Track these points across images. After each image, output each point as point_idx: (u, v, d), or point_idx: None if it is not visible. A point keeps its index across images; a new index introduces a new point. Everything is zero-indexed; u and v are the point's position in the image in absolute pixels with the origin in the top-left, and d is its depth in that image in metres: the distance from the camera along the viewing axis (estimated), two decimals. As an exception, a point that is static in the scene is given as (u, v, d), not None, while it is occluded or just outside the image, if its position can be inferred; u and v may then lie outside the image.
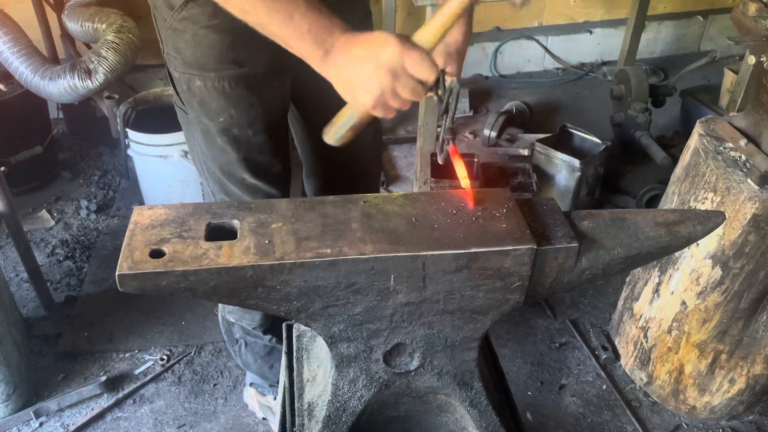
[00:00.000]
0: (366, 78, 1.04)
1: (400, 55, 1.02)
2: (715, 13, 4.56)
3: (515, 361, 2.43)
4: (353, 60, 1.04)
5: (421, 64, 1.03)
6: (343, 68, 1.06)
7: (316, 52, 1.06)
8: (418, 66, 1.03)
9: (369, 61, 1.03)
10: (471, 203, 1.08)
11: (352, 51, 1.05)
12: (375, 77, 1.04)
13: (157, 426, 2.18)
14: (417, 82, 1.06)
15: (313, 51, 1.06)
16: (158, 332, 2.49)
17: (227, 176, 1.57)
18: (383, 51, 1.03)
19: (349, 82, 1.07)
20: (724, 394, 2.14)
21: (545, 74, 4.43)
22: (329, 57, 1.06)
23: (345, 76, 1.07)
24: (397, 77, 1.04)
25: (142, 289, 0.94)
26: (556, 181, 2.95)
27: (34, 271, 2.44)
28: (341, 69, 1.06)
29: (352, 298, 1.02)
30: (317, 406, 1.22)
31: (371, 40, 1.05)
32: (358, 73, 1.05)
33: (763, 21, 1.91)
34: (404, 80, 1.05)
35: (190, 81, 1.46)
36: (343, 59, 1.06)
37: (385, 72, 1.03)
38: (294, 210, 1.05)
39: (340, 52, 1.06)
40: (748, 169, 1.80)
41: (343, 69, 1.06)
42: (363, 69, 1.04)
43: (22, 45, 2.77)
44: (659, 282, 2.14)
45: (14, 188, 2.95)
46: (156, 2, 1.43)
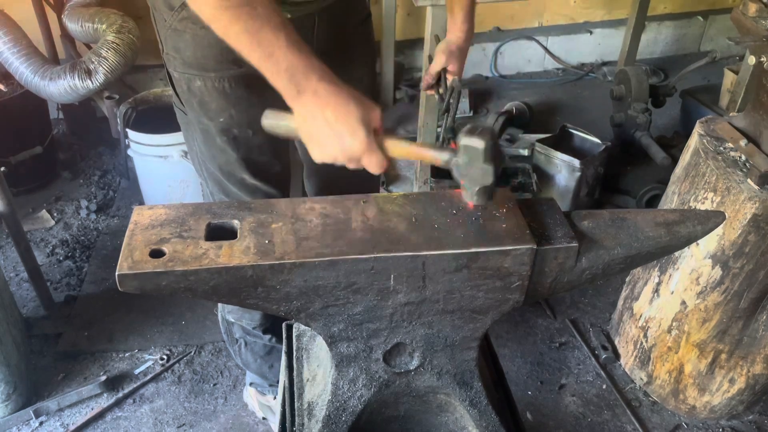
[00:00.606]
0: (324, 143, 1.07)
1: (362, 151, 1.06)
2: (715, 13, 4.56)
3: (515, 361, 2.43)
4: (320, 120, 1.06)
5: (376, 165, 1.07)
6: (309, 117, 1.07)
7: (290, 91, 1.07)
8: (372, 165, 1.08)
9: (333, 134, 1.05)
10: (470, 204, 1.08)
11: (323, 109, 1.05)
12: (333, 149, 1.07)
13: (157, 426, 2.18)
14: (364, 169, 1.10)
15: (287, 88, 1.07)
16: (158, 332, 2.49)
17: (227, 176, 1.57)
18: (350, 139, 1.05)
19: (308, 133, 1.08)
20: (724, 393, 2.14)
21: (545, 74, 4.44)
22: (301, 98, 1.07)
23: (308, 124, 1.08)
24: (350, 160, 1.08)
25: (142, 289, 0.94)
26: (556, 181, 2.95)
27: (34, 271, 2.44)
28: (307, 117, 1.07)
29: (352, 298, 1.02)
30: (317, 406, 1.22)
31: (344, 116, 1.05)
32: (319, 133, 1.07)
33: (763, 21, 1.91)
34: (355, 165, 1.09)
35: (190, 81, 1.46)
36: (311, 110, 1.07)
37: (343, 152, 1.06)
38: (294, 210, 1.05)
39: (312, 99, 1.06)
40: (748, 169, 1.80)
41: (308, 118, 1.07)
42: (325, 134, 1.06)
43: (22, 45, 2.77)
44: (659, 282, 2.14)
45: (14, 188, 2.95)
46: (155, 3, 1.43)
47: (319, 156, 1.09)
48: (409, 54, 4.15)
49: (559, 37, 4.38)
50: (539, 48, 4.38)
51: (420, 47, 3.96)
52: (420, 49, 3.98)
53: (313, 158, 1.11)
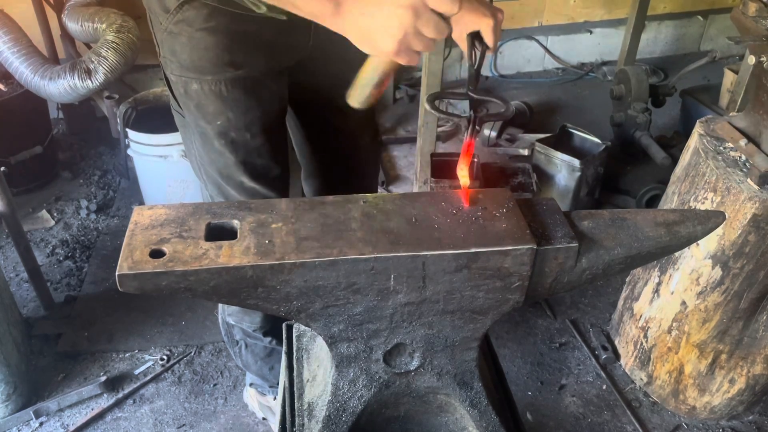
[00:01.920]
0: (385, 21, 0.98)
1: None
2: (715, 13, 4.56)
3: (515, 361, 2.43)
4: (368, 5, 0.98)
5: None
6: (358, 17, 1.00)
7: (327, 7, 1.00)
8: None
9: (386, 3, 0.97)
10: (470, 203, 1.08)
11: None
12: (395, 18, 0.97)
13: (157, 426, 2.18)
14: (440, 18, 1.00)
15: (323, 7, 1.01)
16: (158, 332, 2.49)
17: (226, 180, 1.56)
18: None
19: (367, 30, 1.00)
20: (724, 394, 2.14)
21: (545, 74, 4.44)
22: (341, 9, 1.00)
23: (361, 24, 1.00)
24: (418, 14, 0.97)
25: (142, 289, 0.94)
26: (556, 181, 2.95)
27: (34, 271, 2.44)
28: (356, 18, 1.00)
29: (352, 298, 1.02)
30: (317, 406, 1.22)
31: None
32: (375, 17, 0.98)
33: (763, 21, 1.91)
34: (426, 16, 0.98)
35: (187, 84, 1.45)
36: (356, 7, 0.99)
37: (405, 10, 0.96)
38: (294, 210, 1.05)
39: (351, 4, 0.99)
40: (748, 169, 1.80)
41: (358, 18, 1.00)
42: (381, 12, 0.97)
43: (22, 45, 2.77)
44: (659, 282, 2.14)
45: (14, 188, 2.95)
46: (151, 5, 1.42)
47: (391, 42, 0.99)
48: (409, 54, 4.15)
49: (558, 36, 4.38)
50: (539, 48, 4.38)
51: (420, 47, 3.95)
52: (420, 49, 3.98)
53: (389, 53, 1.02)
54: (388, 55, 1.02)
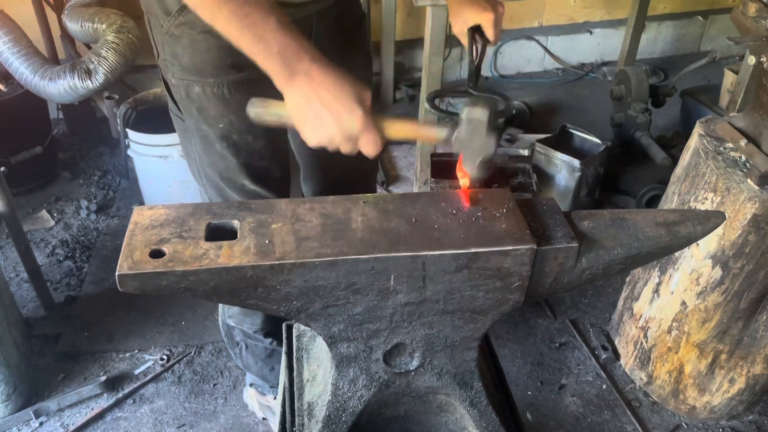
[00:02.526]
0: (320, 124, 1.06)
1: (359, 131, 1.06)
2: (715, 13, 4.56)
3: (515, 361, 2.43)
4: (315, 101, 1.05)
5: (372, 145, 1.08)
6: (303, 100, 1.07)
7: (282, 74, 1.06)
8: (368, 146, 1.08)
9: (329, 114, 1.05)
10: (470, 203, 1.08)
11: (318, 90, 1.05)
12: (329, 130, 1.06)
13: (157, 426, 2.18)
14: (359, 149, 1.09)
15: (280, 72, 1.06)
16: (158, 332, 2.49)
17: (226, 182, 1.56)
18: (347, 118, 1.05)
19: (303, 116, 1.08)
20: (724, 394, 2.14)
21: (545, 74, 4.44)
22: (294, 81, 1.06)
23: (303, 107, 1.07)
24: (347, 141, 1.07)
25: (142, 289, 0.94)
26: (556, 181, 2.95)
27: (34, 271, 2.44)
28: (302, 99, 1.07)
29: (352, 298, 1.02)
30: (317, 406, 1.22)
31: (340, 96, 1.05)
32: (315, 114, 1.06)
33: (763, 21, 1.91)
34: (351, 146, 1.08)
35: (189, 87, 1.44)
36: (306, 92, 1.06)
37: (339, 133, 1.06)
38: (294, 210, 1.05)
39: (305, 80, 1.06)
40: (748, 170, 1.80)
41: (303, 100, 1.07)
42: (321, 115, 1.06)
43: (22, 45, 2.77)
44: (659, 282, 2.14)
45: (14, 188, 2.95)
46: (151, 8, 1.41)
47: (314, 139, 1.09)
48: (409, 54, 4.16)
49: (558, 37, 4.38)
50: (539, 48, 4.38)
51: (420, 47, 3.96)
52: (420, 49, 3.98)
53: (307, 142, 1.10)
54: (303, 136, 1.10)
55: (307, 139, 1.10)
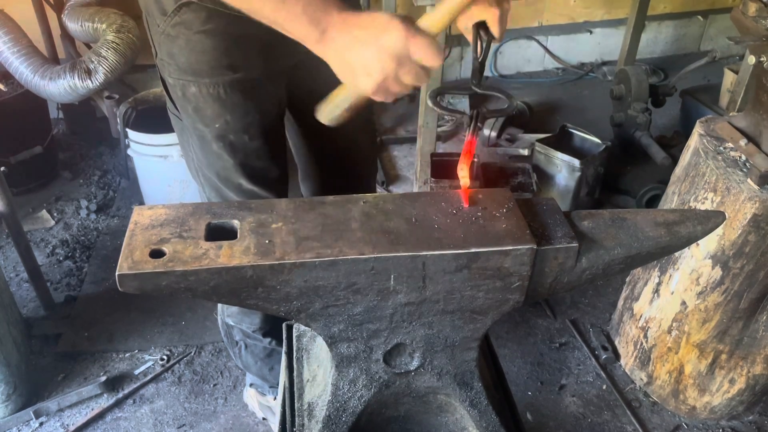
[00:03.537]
0: (368, 62, 1.00)
1: (405, 39, 0.98)
2: (715, 13, 4.56)
3: (515, 361, 2.43)
4: (354, 42, 1.00)
5: (427, 49, 1.00)
6: (342, 50, 1.02)
7: (313, 33, 1.02)
8: (424, 52, 1.00)
9: (371, 45, 0.99)
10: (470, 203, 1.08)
11: (352, 32, 1.00)
12: (378, 62, 0.99)
13: (157, 426, 2.18)
14: (421, 68, 1.02)
15: (309, 32, 1.02)
16: (158, 332, 2.49)
17: (224, 182, 1.56)
18: (387, 35, 0.98)
19: (349, 65, 1.02)
20: (724, 394, 2.14)
21: (545, 74, 4.44)
22: (326, 37, 1.01)
23: (344, 58, 1.02)
24: (401, 63, 1.00)
25: (142, 289, 0.94)
26: (556, 181, 2.95)
27: (34, 271, 2.44)
28: (340, 51, 1.02)
29: (352, 298, 1.02)
30: (317, 406, 1.22)
31: (374, 22, 1.00)
32: (359, 56, 1.00)
33: (763, 21, 1.91)
34: (408, 66, 1.01)
35: (185, 87, 1.44)
36: (342, 40, 1.01)
37: (389, 57, 0.99)
38: (294, 210, 1.05)
39: (338, 32, 1.01)
40: (748, 169, 1.80)
41: (342, 51, 1.02)
42: (365, 53, 1.00)
43: (22, 45, 2.77)
44: (659, 282, 2.14)
45: (14, 188, 2.95)
46: (148, 8, 1.41)
47: (371, 82, 1.02)
48: (408, 54, 4.15)
49: (558, 36, 4.38)
50: (539, 48, 4.38)
51: (420, 47, 3.95)
52: (420, 49, 3.98)
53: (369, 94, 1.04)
54: (365, 91, 1.04)
55: (366, 91, 1.04)
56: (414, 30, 1.00)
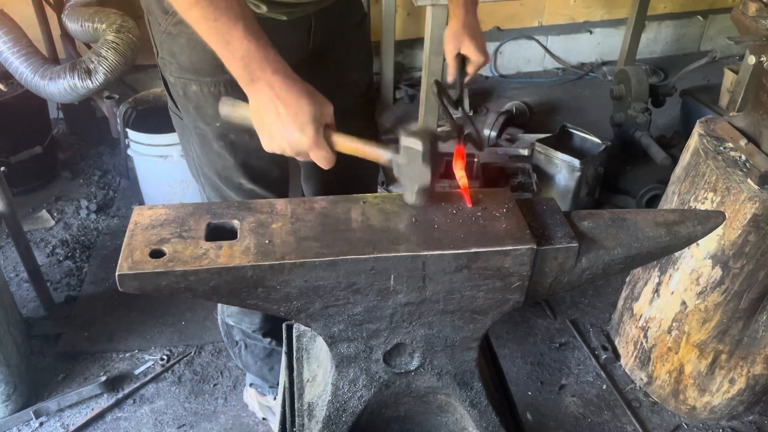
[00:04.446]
0: (273, 134, 1.10)
1: (309, 146, 1.09)
2: (715, 13, 4.56)
3: (515, 361, 2.43)
4: (272, 111, 1.09)
5: (323, 161, 1.11)
6: (260, 106, 1.10)
7: (244, 77, 1.10)
8: (319, 161, 1.11)
9: (282, 128, 1.08)
10: (470, 203, 1.08)
11: (274, 101, 1.08)
12: (281, 142, 1.10)
13: (157, 426, 2.18)
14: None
15: (242, 76, 1.10)
16: (158, 332, 2.49)
17: (224, 181, 1.56)
18: (297, 135, 1.08)
19: (260, 121, 1.12)
20: (724, 394, 2.14)
21: (545, 74, 4.44)
22: (254, 86, 1.10)
23: (259, 113, 1.11)
24: (298, 154, 1.12)
25: (142, 289, 0.94)
26: (556, 181, 2.95)
27: (34, 271, 2.44)
28: (259, 105, 1.10)
29: (352, 298, 1.02)
30: (317, 406, 1.22)
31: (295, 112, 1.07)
32: (269, 124, 1.10)
33: (763, 21, 1.91)
34: (303, 158, 1.13)
35: (186, 86, 1.44)
36: (263, 99, 1.09)
37: (290, 147, 1.10)
38: (294, 210, 1.05)
39: (265, 89, 1.09)
40: (748, 169, 1.80)
41: (260, 107, 1.10)
42: (275, 127, 1.09)
43: (22, 45, 2.77)
44: (659, 282, 2.14)
45: (14, 188, 2.95)
46: (150, 7, 1.41)
47: (268, 146, 1.13)
48: (409, 54, 4.15)
49: (558, 36, 4.38)
50: (539, 48, 4.38)
51: (420, 47, 3.96)
52: (420, 49, 3.98)
53: (263, 146, 1.14)
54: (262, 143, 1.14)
55: (263, 144, 1.14)
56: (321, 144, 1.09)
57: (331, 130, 1.12)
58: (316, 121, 1.08)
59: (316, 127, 1.08)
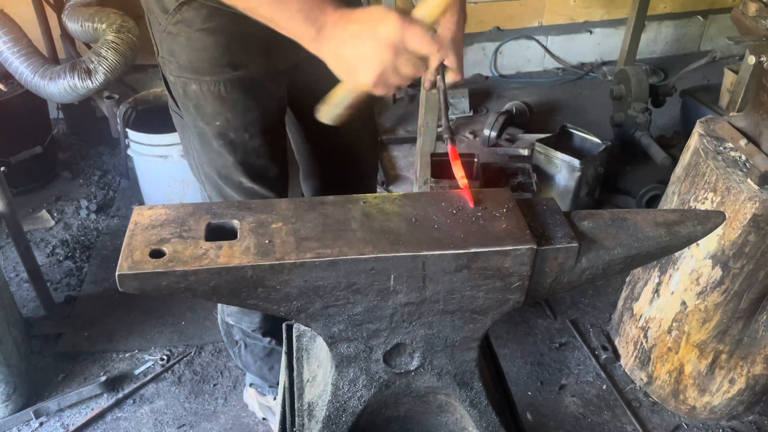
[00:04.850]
0: (365, 55, 1.01)
1: (401, 30, 0.99)
2: (715, 13, 4.56)
3: (515, 361, 2.43)
4: (350, 37, 1.01)
5: (423, 38, 1.00)
6: (339, 46, 1.02)
7: (309, 32, 1.03)
8: (420, 41, 1.00)
9: (367, 38, 1.00)
10: (471, 203, 1.08)
11: (347, 27, 1.01)
12: (375, 54, 1.00)
13: (157, 426, 2.18)
14: (419, 58, 1.03)
15: (305, 30, 1.03)
16: (158, 332, 2.49)
17: (224, 180, 1.56)
18: (382, 26, 0.99)
19: (346, 61, 1.03)
20: (724, 394, 2.14)
21: (545, 74, 4.44)
22: (322, 35, 1.02)
23: (342, 54, 1.02)
24: (398, 53, 1.00)
25: (142, 289, 0.94)
26: (556, 181, 2.95)
27: (34, 271, 2.44)
28: (337, 47, 1.02)
29: (352, 298, 1.02)
30: (317, 406, 1.22)
31: (368, 16, 1.01)
32: (356, 50, 1.01)
33: (763, 21, 1.91)
34: (406, 56, 1.01)
35: (186, 85, 1.45)
36: (338, 37, 1.02)
37: (386, 48, 0.99)
38: (294, 210, 1.05)
39: (334, 29, 1.02)
40: (748, 169, 1.80)
41: (339, 47, 1.02)
42: (361, 46, 1.00)
43: (22, 45, 2.77)
44: (659, 282, 2.14)
45: (14, 188, 2.95)
46: (150, 6, 1.42)
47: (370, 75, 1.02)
48: (409, 54, 4.15)
49: (558, 36, 4.38)
50: (539, 48, 4.38)
51: (420, 47, 3.95)
52: (420, 49, 3.98)
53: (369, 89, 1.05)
54: (364, 86, 1.04)
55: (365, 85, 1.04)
56: (409, 20, 1.00)
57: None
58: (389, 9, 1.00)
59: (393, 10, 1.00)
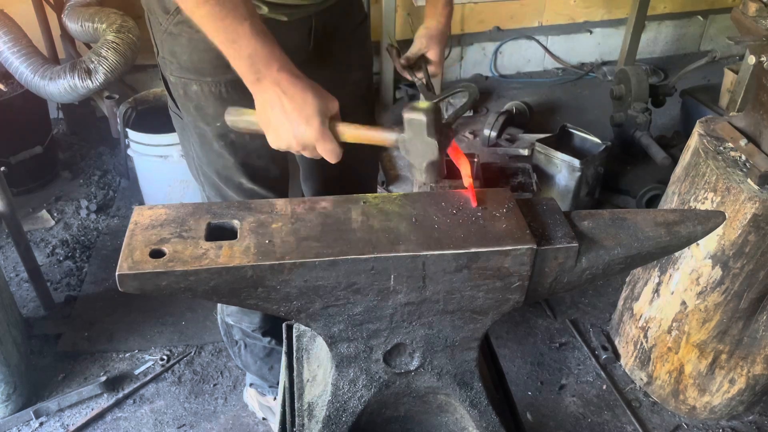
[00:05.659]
0: (281, 131, 1.12)
1: (315, 139, 1.11)
2: (715, 13, 4.57)
3: (515, 361, 2.43)
4: (278, 107, 1.11)
5: (329, 153, 1.13)
6: (267, 104, 1.12)
7: (250, 77, 1.12)
8: (326, 153, 1.13)
9: (288, 122, 1.10)
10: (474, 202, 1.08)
11: (280, 98, 1.10)
12: (288, 137, 1.12)
13: (157, 426, 2.18)
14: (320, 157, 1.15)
15: (247, 74, 1.12)
16: (158, 332, 2.49)
17: (224, 181, 1.56)
18: (303, 128, 1.10)
19: (266, 119, 1.14)
20: (724, 394, 2.14)
21: (545, 74, 4.44)
22: (261, 85, 1.11)
23: (265, 111, 1.13)
24: (305, 148, 1.13)
25: (142, 289, 0.94)
26: (556, 181, 2.95)
27: (34, 271, 2.44)
28: (265, 103, 1.12)
29: (352, 298, 1.02)
30: (317, 406, 1.22)
31: (299, 106, 1.09)
32: (276, 121, 1.12)
33: (763, 21, 1.91)
34: (310, 153, 1.14)
35: (187, 85, 1.45)
36: (270, 98, 1.11)
37: (297, 142, 1.12)
38: (294, 210, 1.05)
39: (270, 86, 1.10)
40: (748, 169, 1.80)
41: (266, 105, 1.12)
42: (281, 123, 1.11)
43: (22, 45, 2.77)
44: (659, 282, 2.14)
45: (14, 188, 2.95)
46: (151, 6, 1.42)
47: (275, 142, 1.15)
48: (409, 54, 4.15)
49: (558, 36, 4.38)
50: (539, 48, 4.38)
51: (420, 47, 3.95)
52: (420, 49, 3.98)
53: (270, 144, 1.16)
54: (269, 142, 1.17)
55: (269, 142, 1.16)
56: (327, 136, 1.11)
57: (336, 122, 1.12)
58: (322, 114, 1.10)
59: (321, 119, 1.10)
